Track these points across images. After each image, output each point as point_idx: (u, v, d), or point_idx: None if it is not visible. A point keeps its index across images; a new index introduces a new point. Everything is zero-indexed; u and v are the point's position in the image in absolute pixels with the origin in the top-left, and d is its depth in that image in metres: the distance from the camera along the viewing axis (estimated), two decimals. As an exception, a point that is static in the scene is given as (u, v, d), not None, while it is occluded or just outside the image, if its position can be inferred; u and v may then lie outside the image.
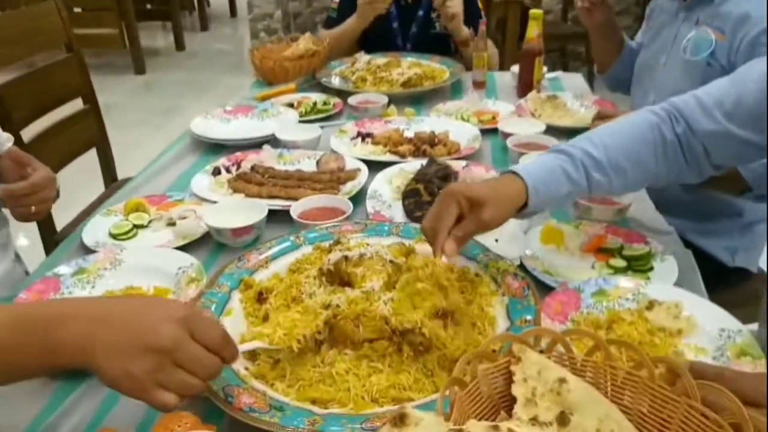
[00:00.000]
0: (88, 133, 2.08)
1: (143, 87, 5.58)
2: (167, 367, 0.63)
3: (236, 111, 1.91)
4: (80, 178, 2.23)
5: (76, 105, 2.05)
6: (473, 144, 1.59)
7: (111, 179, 2.18)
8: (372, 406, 0.80)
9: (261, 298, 1.01)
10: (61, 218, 1.87)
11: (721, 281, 1.48)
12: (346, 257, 0.99)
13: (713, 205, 1.58)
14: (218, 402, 0.78)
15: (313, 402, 0.81)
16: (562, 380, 0.71)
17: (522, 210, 0.99)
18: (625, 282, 1.04)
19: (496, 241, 1.16)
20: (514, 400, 0.71)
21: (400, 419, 0.62)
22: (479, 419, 0.72)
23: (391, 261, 0.99)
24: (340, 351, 0.87)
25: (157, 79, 5.73)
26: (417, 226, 1.16)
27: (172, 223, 1.31)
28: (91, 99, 2.05)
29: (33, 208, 1.17)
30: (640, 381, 0.70)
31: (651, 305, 0.98)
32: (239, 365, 0.86)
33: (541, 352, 0.76)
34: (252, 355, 0.89)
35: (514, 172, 0.99)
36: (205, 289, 1.01)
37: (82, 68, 2.03)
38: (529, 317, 0.92)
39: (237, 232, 1.21)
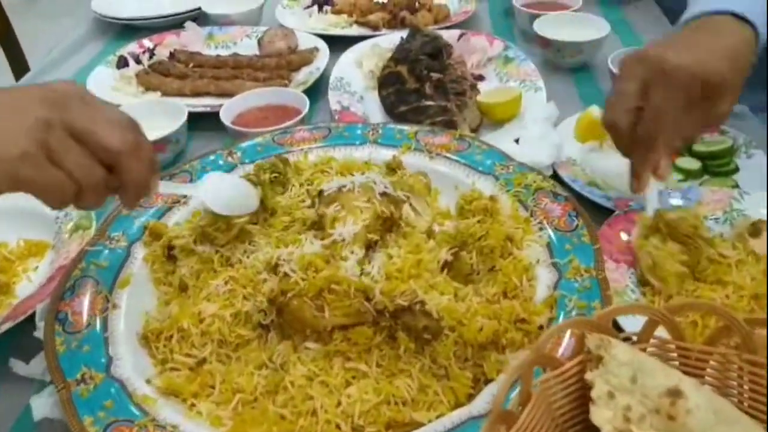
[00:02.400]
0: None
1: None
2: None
3: (150, -19, 1.48)
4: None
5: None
6: (466, 6, 1.30)
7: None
8: (354, 442, 0.48)
9: (171, 253, 0.66)
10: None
11: None
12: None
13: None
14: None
15: (258, 440, 0.49)
16: (675, 392, 0.44)
17: None
18: (710, 193, 0.71)
19: (517, 141, 0.81)
20: (593, 429, 0.42)
21: None
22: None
23: (384, 193, 0.63)
24: (297, 345, 0.55)
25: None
26: (403, 127, 0.81)
27: (56, 141, 0.93)
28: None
29: None
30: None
31: (756, 229, 0.67)
32: (137, 376, 0.54)
33: (626, 339, 0.47)
34: (161, 353, 0.57)
35: (731, 13, 0.61)
36: (89, 244, 0.66)
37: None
38: (584, 264, 0.60)
39: (145, 149, 0.84)
